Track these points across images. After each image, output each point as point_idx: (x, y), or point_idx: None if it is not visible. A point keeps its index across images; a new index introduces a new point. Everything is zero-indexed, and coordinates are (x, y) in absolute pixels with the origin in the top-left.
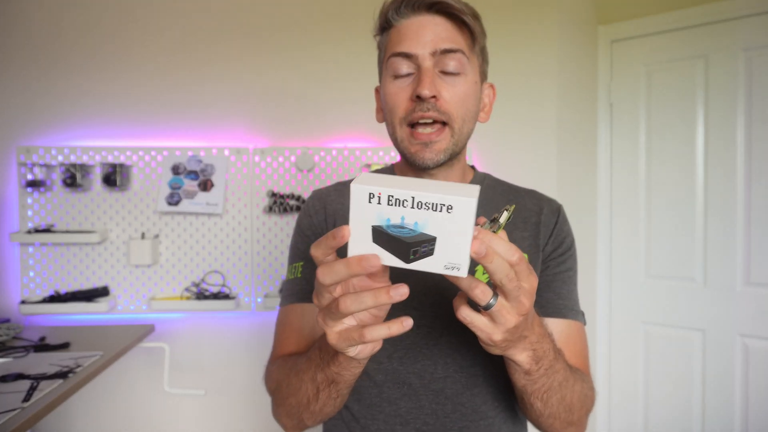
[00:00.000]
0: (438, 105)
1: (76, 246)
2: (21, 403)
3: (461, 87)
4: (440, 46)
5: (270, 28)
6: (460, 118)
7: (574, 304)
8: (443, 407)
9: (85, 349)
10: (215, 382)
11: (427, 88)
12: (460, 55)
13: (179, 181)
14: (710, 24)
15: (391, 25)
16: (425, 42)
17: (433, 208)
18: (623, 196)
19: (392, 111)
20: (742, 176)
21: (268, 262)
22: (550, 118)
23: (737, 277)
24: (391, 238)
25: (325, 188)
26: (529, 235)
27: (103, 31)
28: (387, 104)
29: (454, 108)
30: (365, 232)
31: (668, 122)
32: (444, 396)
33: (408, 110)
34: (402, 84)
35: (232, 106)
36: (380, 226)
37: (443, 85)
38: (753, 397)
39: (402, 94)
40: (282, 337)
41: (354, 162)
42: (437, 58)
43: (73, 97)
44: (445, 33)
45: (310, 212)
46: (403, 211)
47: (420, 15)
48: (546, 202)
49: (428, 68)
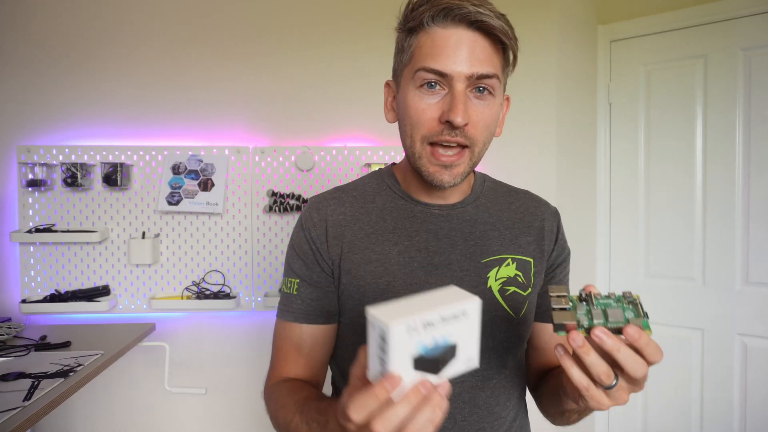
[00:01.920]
0: (466, 130)
1: (77, 245)
2: (22, 402)
3: (488, 111)
4: (477, 70)
5: (270, 28)
6: (482, 142)
7: None
8: (461, 411)
9: (85, 348)
10: (215, 381)
11: (461, 116)
12: (494, 80)
13: (179, 181)
14: (709, 24)
15: (423, 29)
16: (461, 61)
17: (453, 318)
18: (622, 196)
19: (414, 126)
20: (741, 176)
21: (269, 261)
22: (550, 118)
23: (736, 277)
24: (428, 361)
25: (322, 197)
26: (534, 240)
27: (103, 30)
28: (408, 116)
29: (479, 133)
30: (407, 365)
31: (667, 122)
32: (461, 400)
33: (434, 131)
34: (430, 100)
35: (232, 106)
36: (421, 355)
37: (473, 110)
38: (752, 395)
39: (429, 112)
40: (280, 354)
41: (354, 162)
42: (472, 81)
43: (73, 97)
44: (483, 54)
45: (308, 226)
46: (434, 330)
47: (459, 28)
48: (545, 205)
49: (462, 92)
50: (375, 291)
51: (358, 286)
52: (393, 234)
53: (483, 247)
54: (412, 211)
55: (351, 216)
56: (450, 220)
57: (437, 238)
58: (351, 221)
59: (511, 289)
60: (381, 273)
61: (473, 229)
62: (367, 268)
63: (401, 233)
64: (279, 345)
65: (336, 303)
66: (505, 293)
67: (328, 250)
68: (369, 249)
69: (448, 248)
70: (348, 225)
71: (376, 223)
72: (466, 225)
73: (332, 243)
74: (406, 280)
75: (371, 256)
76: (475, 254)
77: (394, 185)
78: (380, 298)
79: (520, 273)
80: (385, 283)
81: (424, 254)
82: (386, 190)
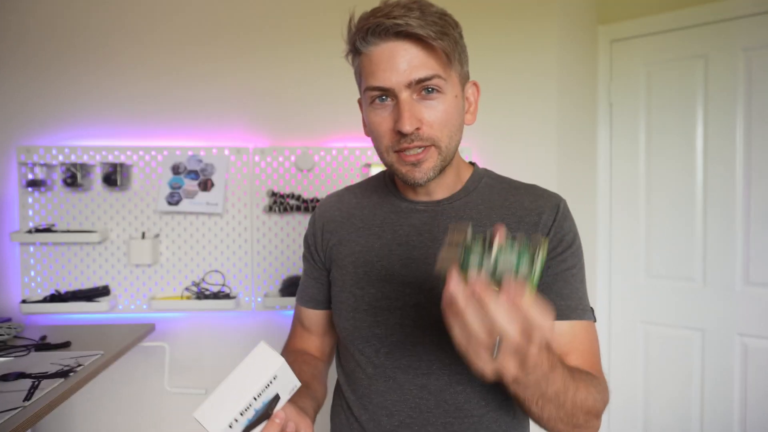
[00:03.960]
0: (421, 133)
1: (77, 245)
2: (22, 402)
3: (441, 108)
4: (414, 76)
5: (270, 27)
6: (446, 137)
7: (579, 302)
8: (426, 402)
9: (85, 348)
10: (215, 382)
11: (408, 124)
12: (436, 79)
13: (179, 181)
14: (710, 24)
15: (361, 52)
16: (399, 71)
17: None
18: (623, 196)
19: (377, 139)
20: (742, 176)
21: (268, 261)
22: (550, 118)
23: (737, 277)
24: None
25: (330, 194)
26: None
27: (102, 30)
28: (372, 131)
29: (438, 131)
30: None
31: (668, 122)
32: (427, 391)
33: (393, 141)
34: (383, 113)
35: (232, 106)
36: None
37: (423, 111)
38: (752, 396)
39: (384, 125)
40: (292, 328)
41: (354, 162)
42: (413, 87)
43: (73, 97)
44: (417, 60)
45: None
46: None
47: (388, 41)
48: (546, 199)
49: (405, 100)
50: (353, 279)
51: (342, 275)
52: (379, 228)
53: None
54: (399, 207)
55: (346, 212)
56: (434, 216)
57: (419, 233)
58: (346, 217)
59: None
60: (361, 263)
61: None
62: (351, 259)
63: (386, 227)
64: (293, 320)
65: (325, 293)
66: None
67: (323, 244)
68: (355, 242)
69: (428, 243)
70: (344, 220)
71: (367, 218)
72: (451, 221)
73: (327, 237)
74: (381, 272)
75: (356, 248)
76: None
77: (389, 183)
78: (357, 286)
79: None
80: (362, 273)
81: (404, 248)
82: (382, 188)
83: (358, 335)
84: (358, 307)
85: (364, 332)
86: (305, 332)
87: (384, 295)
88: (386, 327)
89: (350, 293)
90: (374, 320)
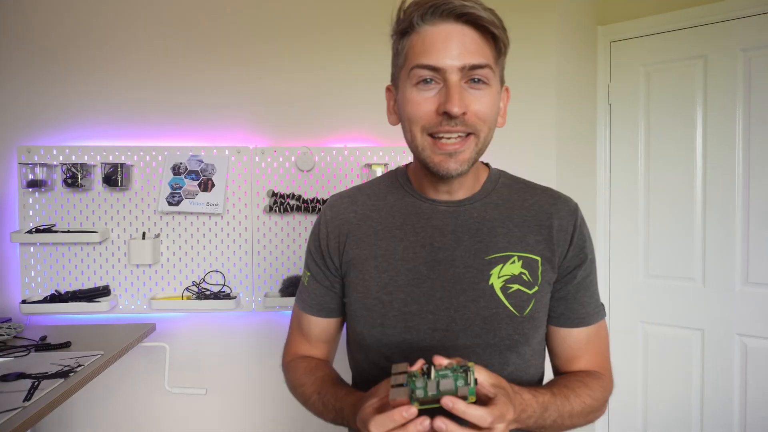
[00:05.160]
0: (465, 119)
1: (77, 246)
2: (22, 403)
3: (486, 100)
4: (469, 62)
5: (271, 28)
6: (486, 129)
7: (595, 306)
8: None
9: (86, 348)
10: (216, 382)
11: (457, 106)
12: (487, 69)
13: (180, 181)
14: (709, 24)
15: (414, 30)
16: (453, 55)
17: None
18: (622, 197)
19: (412, 119)
20: (741, 176)
21: (269, 261)
22: (549, 119)
23: (736, 277)
24: None
25: (338, 195)
26: (543, 239)
27: (103, 30)
28: (406, 111)
29: (480, 121)
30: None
31: (667, 122)
32: None
33: (433, 122)
34: (426, 94)
35: (232, 106)
36: None
37: (470, 99)
38: (752, 396)
39: (426, 105)
40: (293, 334)
41: (354, 162)
42: (465, 72)
43: (73, 97)
44: (473, 46)
45: (322, 222)
46: None
47: (447, 23)
48: (562, 203)
49: (456, 83)
50: (378, 285)
51: (363, 280)
52: (400, 230)
53: (489, 243)
54: (419, 208)
55: (362, 214)
56: (457, 216)
57: (443, 234)
58: (362, 219)
59: (515, 287)
60: (385, 268)
61: (480, 225)
62: (373, 263)
63: (408, 229)
64: (293, 325)
65: (337, 301)
66: (508, 291)
67: (337, 248)
68: (376, 245)
69: (452, 244)
70: (358, 222)
71: (385, 219)
72: (473, 221)
73: (341, 240)
74: (409, 275)
75: (377, 252)
76: (479, 251)
77: (405, 183)
78: (383, 291)
79: (526, 271)
80: (388, 278)
81: (428, 250)
82: (398, 188)
83: (386, 342)
84: (387, 313)
85: (395, 338)
86: (310, 341)
87: (413, 299)
88: (418, 332)
89: (376, 299)
90: (405, 326)
